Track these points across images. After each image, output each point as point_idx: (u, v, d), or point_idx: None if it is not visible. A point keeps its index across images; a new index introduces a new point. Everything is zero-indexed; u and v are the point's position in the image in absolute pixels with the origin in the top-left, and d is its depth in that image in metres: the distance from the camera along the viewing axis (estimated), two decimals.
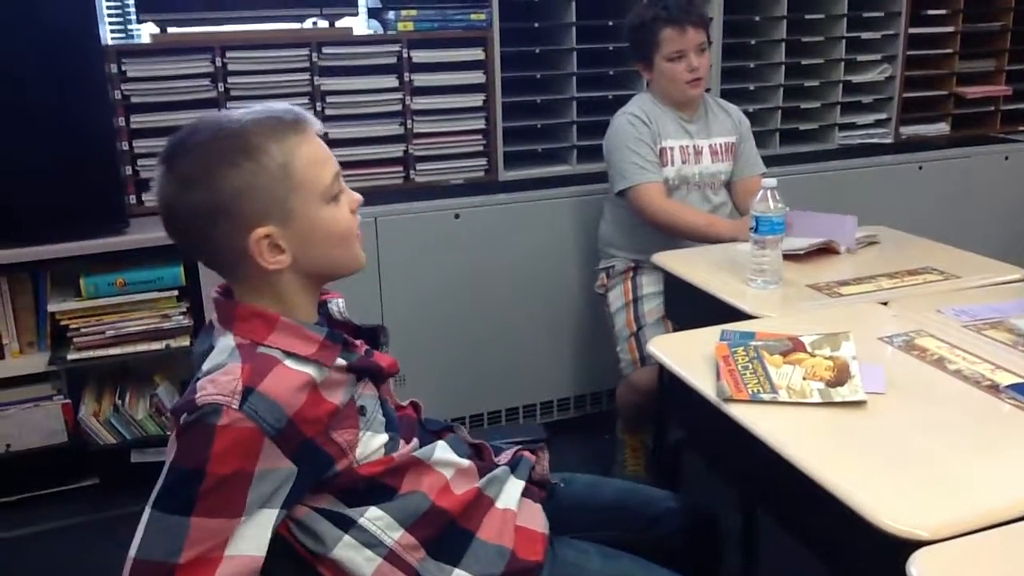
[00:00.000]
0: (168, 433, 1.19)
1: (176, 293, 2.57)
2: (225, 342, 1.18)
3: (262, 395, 1.11)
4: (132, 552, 1.09)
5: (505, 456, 1.48)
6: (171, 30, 2.65)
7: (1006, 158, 3.45)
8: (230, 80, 2.66)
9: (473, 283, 2.80)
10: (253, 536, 1.11)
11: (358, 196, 1.28)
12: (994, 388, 1.48)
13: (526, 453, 1.49)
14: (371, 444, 1.23)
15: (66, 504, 2.60)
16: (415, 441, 1.31)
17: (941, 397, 1.48)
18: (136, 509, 1.13)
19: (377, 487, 1.24)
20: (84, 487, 2.61)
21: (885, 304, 1.89)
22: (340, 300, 1.37)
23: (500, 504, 1.37)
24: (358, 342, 1.31)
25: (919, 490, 1.21)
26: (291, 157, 1.18)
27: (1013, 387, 1.47)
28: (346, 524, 1.23)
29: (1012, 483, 1.22)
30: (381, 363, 1.30)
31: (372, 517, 1.23)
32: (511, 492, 1.39)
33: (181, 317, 2.58)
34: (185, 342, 2.58)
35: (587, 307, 2.90)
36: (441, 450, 1.34)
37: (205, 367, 1.16)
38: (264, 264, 1.18)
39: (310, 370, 1.17)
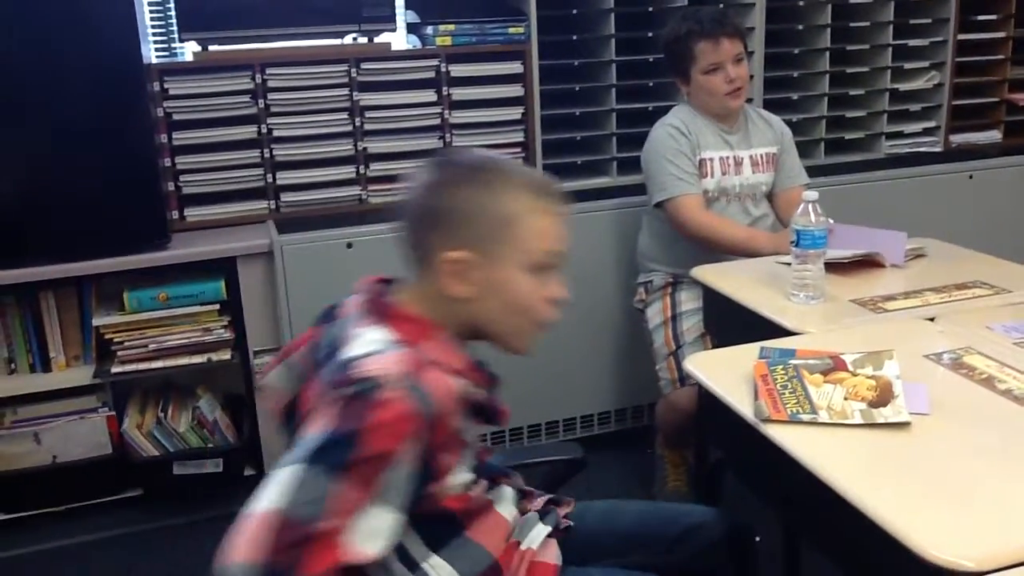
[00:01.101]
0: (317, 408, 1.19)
1: (217, 307, 2.60)
2: (378, 334, 1.19)
3: (423, 384, 1.12)
4: (272, 504, 1.03)
5: (538, 503, 1.47)
6: (212, 48, 2.69)
7: None
8: (270, 96, 2.68)
9: None
10: (368, 531, 1.08)
11: (564, 293, 1.30)
12: None
13: (559, 509, 1.48)
14: (459, 478, 1.23)
15: (110, 515, 2.64)
16: (484, 483, 1.33)
17: (989, 419, 1.43)
18: (179, 521, 1.13)
19: (447, 521, 1.24)
20: (128, 499, 2.65)
21: (932, 320, 1.84)
22: None
23: (523, 545, 1.37)
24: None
25: (965, 518, 1.17)
26: (527, 213, 1.24)
27: None
28: (412, 566, 1.23)
29: None
30: (501, 408, 1.33)
31: (435, 565, 1.24)
32: (536, 536, 1.39)
33: (223, 331, 2.60)
34: (226, 355, 2.61)
35: (627, 320, 2.87)
36: (506, 502, 1.35)
37: (356, 351, 1.16)
38: (444, 284, 1.23)
39: (457, 384, 1.20)
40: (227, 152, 2.69)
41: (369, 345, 1.16)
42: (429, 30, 2.82)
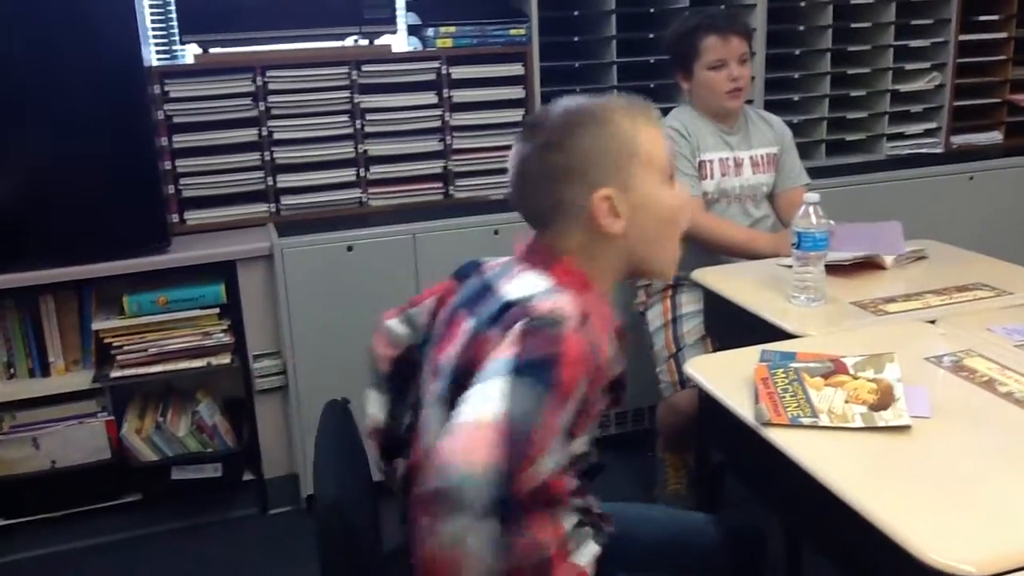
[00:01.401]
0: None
1: (217, 311, 2.59)
2: (541, 280, 1.23)
3: (592, 330, 1.16)
4: (500, 410, 1.03)
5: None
6: (213, 50, 2.68)
7: None
8: (270, 99, 2.68)
9: None
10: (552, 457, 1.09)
11: (688, 192, 1.36)
12: None
13: (605, 526, 1.38)
14: (580, 446, 1.24)
15: (109, 520, 2.63)
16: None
17: (990, 422, 1.42)
18: (178, 526, 1.12)
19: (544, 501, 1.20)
20: (127, 504, 2.64)
21: (933, 322, 1.83)
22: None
23: (573, 558, 1.26)
24: None
25: (966, 522, 1.16)
26: (637, 132, 1.27)
27: None
28: None
29: None
30: (625, 384, 1.39)
31: None
32: (587, 553, 1.28)
33: (222, 335, 2.60)
34: (226, 359, 2.60)
35: (627, 323, 2.85)
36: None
37: (520, 293, 1.20)
38: (604, 224, 1.25)
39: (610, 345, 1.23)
40: (227, 155, 2.69)
41: (533, 287, 1.21)
42: (430, 32, 2.82)
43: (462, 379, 1.17)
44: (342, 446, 1.41)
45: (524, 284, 1.23)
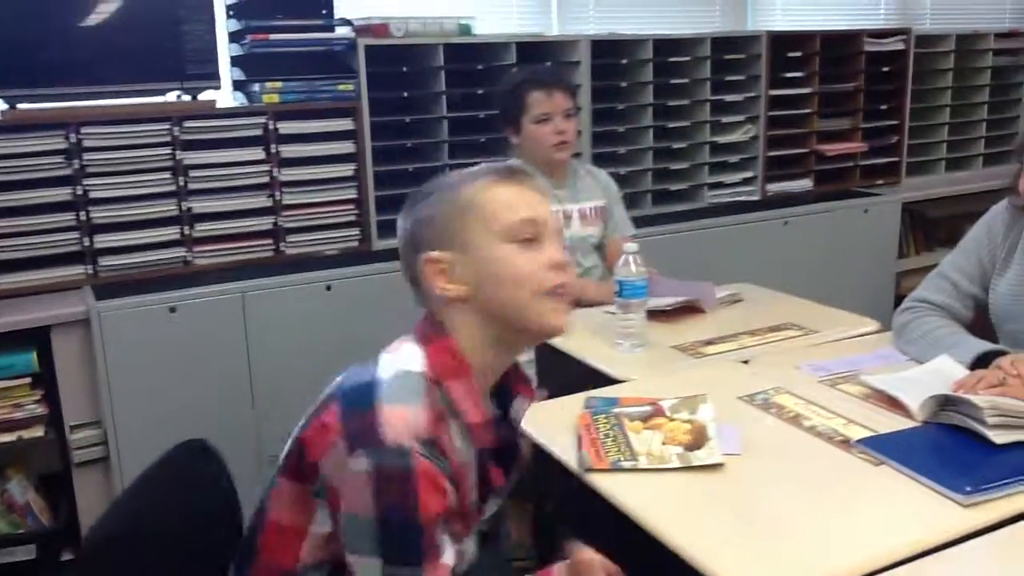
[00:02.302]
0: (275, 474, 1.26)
1: (29, 380, 2.43)
2: (415, 355, 1.22)
3: (440, 447, 1.15)
4: None
5: None
6: (22, 106, 2.55)
7: (865, 211, 3.61)
8: (86, 156, 2.56)
9: (347, 357, 2.72)
10: None
11: (559, 257, 1.25)
12: (846, 443, 1.51)
13: None
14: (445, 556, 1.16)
15: None
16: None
17: (796, 455, 1.49)
18: None
19: None
20: None
21: (746, 362, 1.92)
22: (527, 403, 1.35)
23: None
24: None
25: (773, 551, 1.21)
26: (480, 194, 1.23)
27: (863, 441, 1.50)
28: None
29: (863, 542, 1.24)
30: (518, 456, 1.35)
31: None
32: None
33: (35, 406, 2.43)
34: (39, 432, 2.44)
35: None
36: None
37: (387, 373, 1.19)
38: (436, 288, 1.22)
39: (461, 446, 1.20)
40: (39, 215, 2.55)
41: (403, 366, 1.20)
42: (256, 87, 2.78)
43: (299, 454, 1.20)
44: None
45: (395, 356, 1.22)
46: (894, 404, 1.65)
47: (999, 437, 1.46)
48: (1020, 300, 1.82)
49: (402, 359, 1.22)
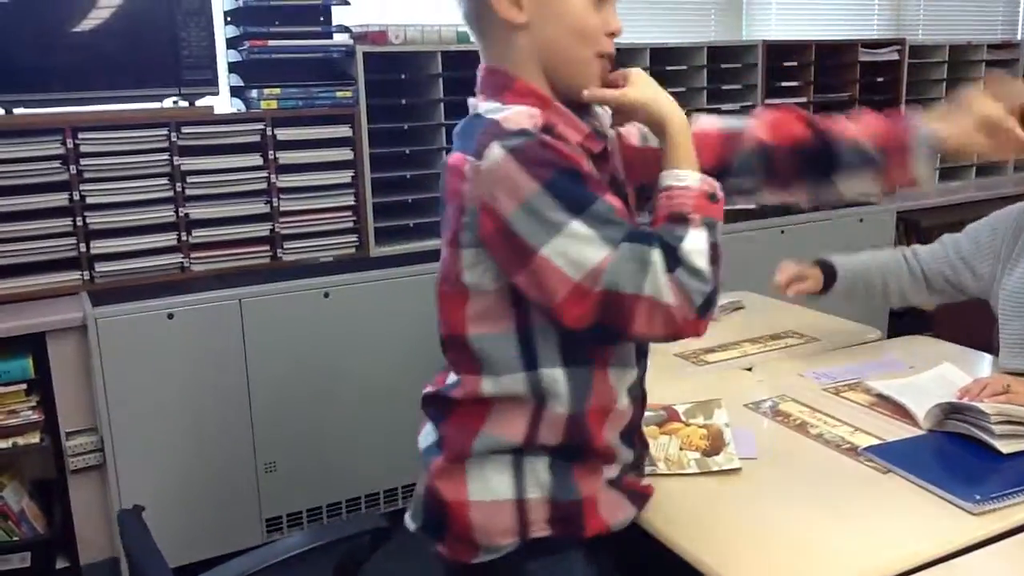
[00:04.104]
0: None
1: (24, 387, 2.41)
2: (498, 104, 1.17)
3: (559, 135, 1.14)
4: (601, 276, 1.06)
5: None
6: (18, 111, 2.53)
7: (861, 220, 3.62)
8: (83, 162, 2.54)
9: (344, 363, 2.72)
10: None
11: (618, 26, 1.23)
12: (853, 450, 1.51)
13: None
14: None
15: None
16: None
17: (804, 462, 1.49)
18: None
19: (586, 348, 1.21)
20: None
21: (750, 370, 1.92)
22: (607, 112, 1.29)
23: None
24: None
25: (786, 562, 1.21)
26: None
27: (870, 449, 1.50)
28: (530, 365, 1.20)
29: (874, 550, 1.23)
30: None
31: (557, 378, 1.20)
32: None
33: (30, 412, 2.41)
34: (34, 438, 2.41)
35: None
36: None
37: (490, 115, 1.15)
38: (502, 12, 1.18)
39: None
40: (35, 221, 2.53)
41: (495, 112, 1.16)
42: (254, 93, 2.77)
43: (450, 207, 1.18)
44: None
45: (485, 110, 1.19)
46: (899, 412, 1.65)
47: (1006, 446, 1.46)
48: None
49: (490, 109, 1.18)
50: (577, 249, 1.06)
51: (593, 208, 1.07)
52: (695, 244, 1.08)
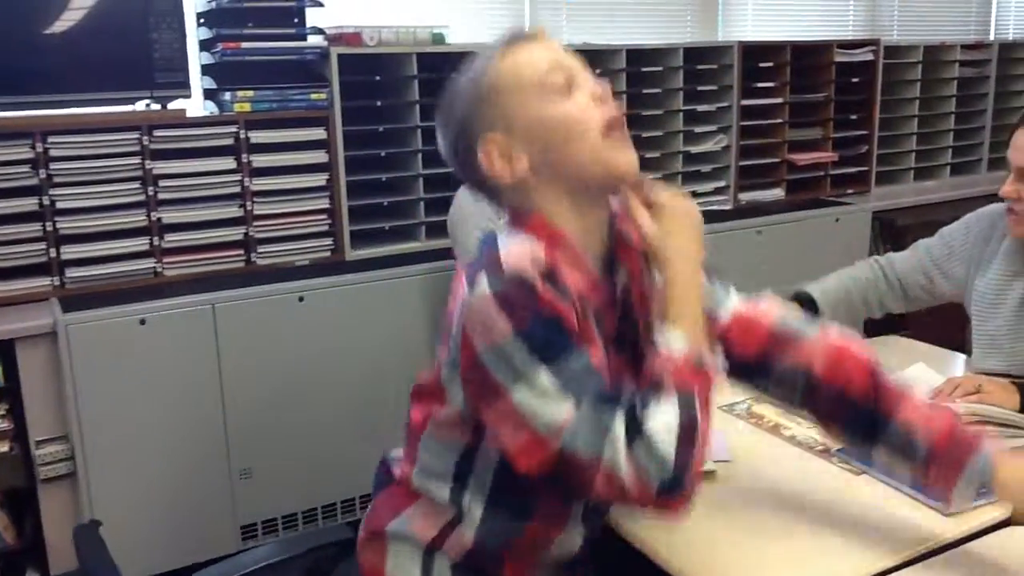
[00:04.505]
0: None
1: None
2: (514, 231, 1.17)
3: (558, 276, 1.10)
4: (563, 444, 1.02)
5: None
6: None
7: (836, 220, 3.63)
8: (53, 166, 2.51)
9: (320, 368, 2.70)
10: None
11: (598, 88, 1.17)
12: (826, 452, 1.51)
13: None
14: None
15: None
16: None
17: (778, 464, 1.49)
18: None
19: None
20: None
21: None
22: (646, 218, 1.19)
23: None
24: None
25: (761, 564, 1.20)
26: (498, 69, 1.17)
27: (844, 450, 1.50)
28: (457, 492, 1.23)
29: (849, 551, 1.23)
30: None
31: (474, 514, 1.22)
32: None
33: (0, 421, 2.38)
34: (3, 447, 2.38)
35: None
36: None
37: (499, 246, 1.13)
38: (503, 177, 1.16)
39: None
40: (4, 226, 2.49)
41: (508, 242, 1.13)
42: (227, 96, 2.74)
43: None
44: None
45: (499, 243, 1.15)
46: None
47: None
48: (1000, 297, 1.83)
49: (505, 235, 1.17)
50: (540, 401, 1.02)
51: (565, 361, 1.03)
52: (662, 419, 1.00)
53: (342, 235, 2.86)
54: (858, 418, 1.23)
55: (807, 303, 2.02)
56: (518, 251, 1.09)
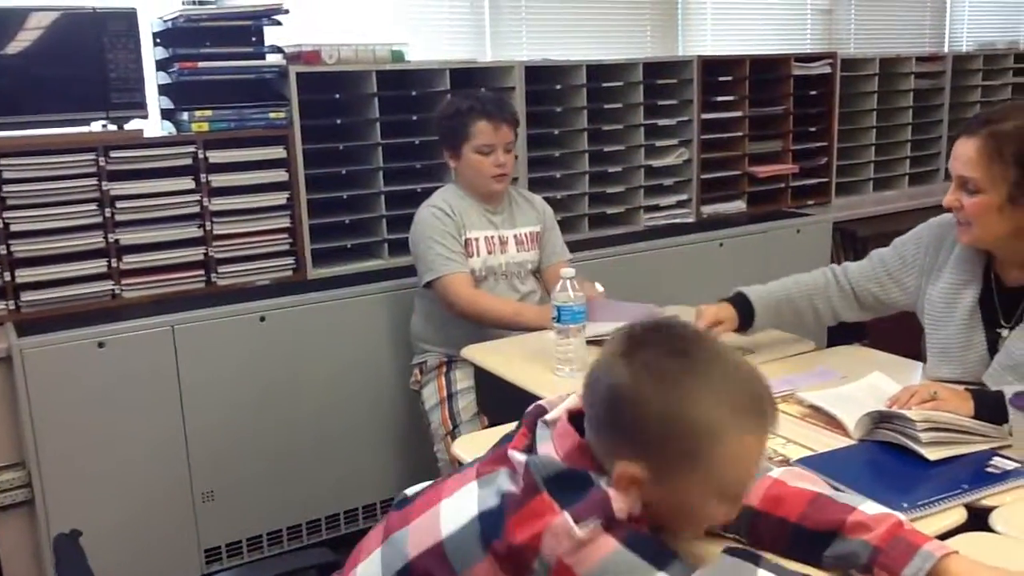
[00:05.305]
0: None
1: None
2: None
3: None
4: None
5: None
6: None
7: (798, 231, 3.67)
8: (6, 188, 2.47)
9: (282, 388, 2.68)
10: None
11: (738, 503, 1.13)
12: (785, 462, 1.51)
13: None
14: None
15: None
16: None
17: None
18: None
19: None
20: None
21: None
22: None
23: None
24: None
25: None
26: (721, 431, 1.05)
27: (802, 460, 1.50)
28: None
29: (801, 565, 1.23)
30: None
31: None
32: None
33: None
34: None
35: (407, 405, 2.82)
36: None
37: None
38: (618, 488, 1.06)
39: None
40: None
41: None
42: (185, 116, 2.72)
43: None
44: None
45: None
46: (831, 423, 1.66)
47: (932, 453, 1.48)
48: (951, 306, 1.85)
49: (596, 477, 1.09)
50: None
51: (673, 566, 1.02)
52: None
53: (303, 254, 2.85)
54: (799, 541, 1.21)
55: (741, 304, 2.03)
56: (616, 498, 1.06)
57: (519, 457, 1.12)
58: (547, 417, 1.19)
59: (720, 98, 3.61)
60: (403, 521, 1.20)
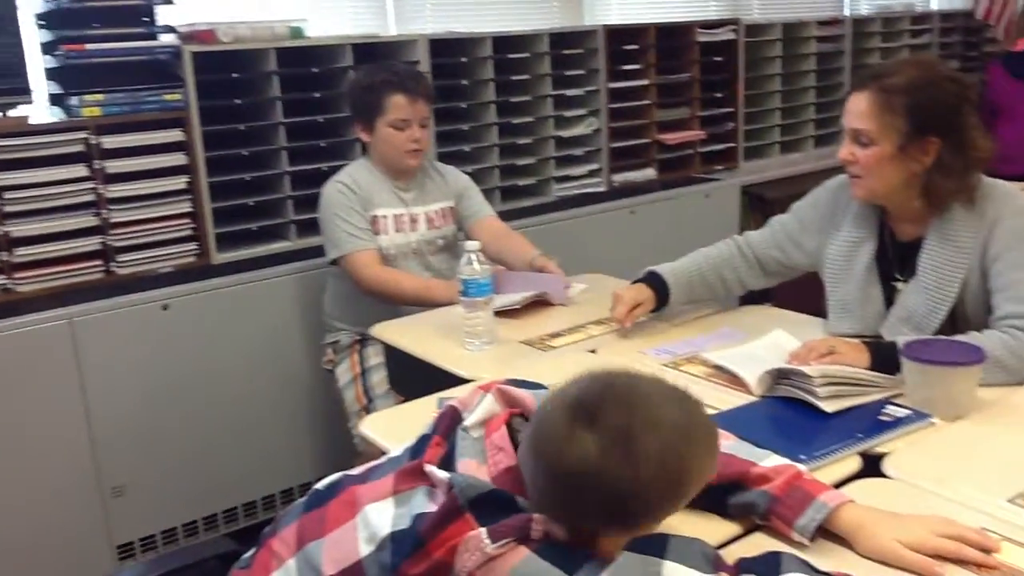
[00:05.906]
0: None
1: None
2: None
3: None
4: None
5: None
6: None
7: (707, 196, 3.72)
8: None
9: (191, 377, 2.61)
10: None
11: None
12: None
13: None
14: None
15: None
16: None
17: None
18: None
19: None
20: None
21: (594, 351, 1.93)
22: None
23: None
24: None
25: None
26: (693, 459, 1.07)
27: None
28: None
29: (706, 517, 1.25)
30: None
31: None
32: None
33: None
34: None
35: (320, 387, 2.78)
36: None
37: None
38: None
39: None
40: None
41: None
42: (74, 101, 2.62)
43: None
44: None
45: None
46: (734, 381, 1.69)
47: (829, 406, 1.52)
48: (849, 262, 1.90)
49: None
50: None
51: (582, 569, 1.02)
52: None
53: (207, 239, 2.77)
54: (707, 493, 1.15)
55: (656, 283, 2.04)
56: None
57: (440, 475, 1.11)
58: (466, 423, 1.17)
59: (627, 67, 3.62)
60: (318, 530, 1.19)
